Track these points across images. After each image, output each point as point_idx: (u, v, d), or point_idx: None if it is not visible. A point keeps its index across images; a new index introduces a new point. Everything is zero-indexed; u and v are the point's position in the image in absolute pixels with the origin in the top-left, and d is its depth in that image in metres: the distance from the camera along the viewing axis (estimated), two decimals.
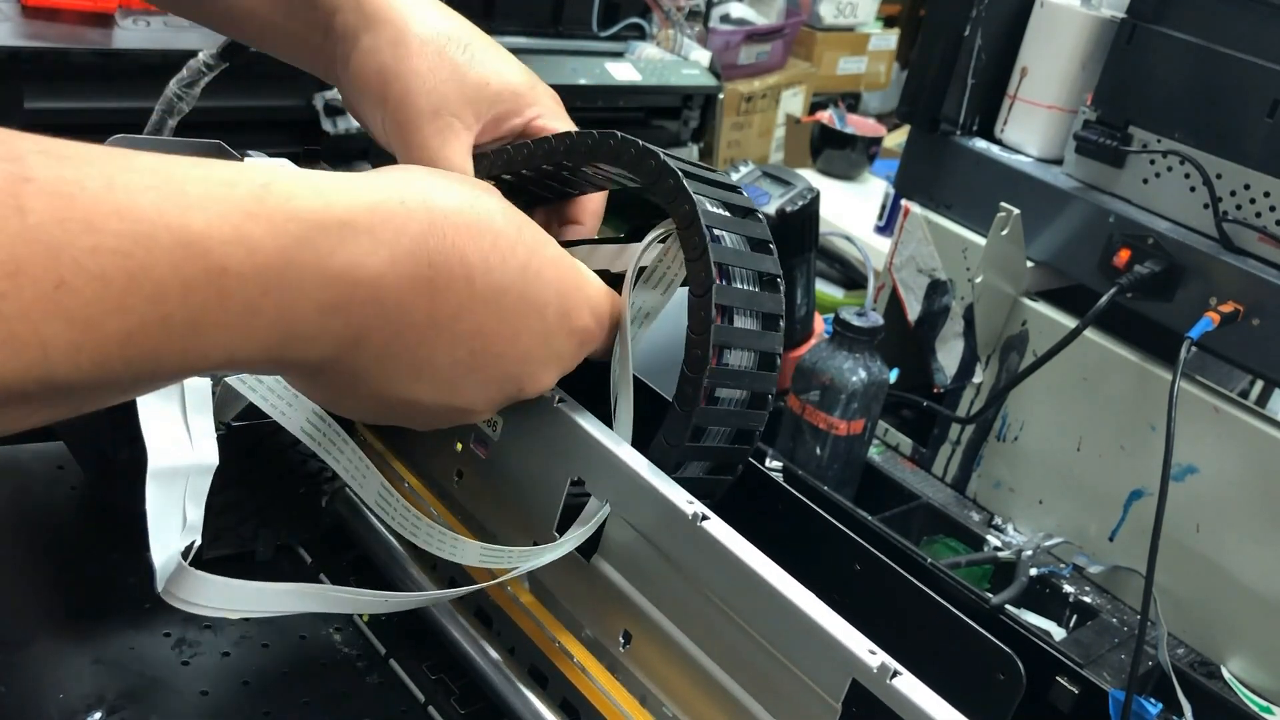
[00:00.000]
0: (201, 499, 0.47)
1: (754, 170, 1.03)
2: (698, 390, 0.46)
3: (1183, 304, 0.88)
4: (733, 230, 0.48)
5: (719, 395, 0.47)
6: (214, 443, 0.47)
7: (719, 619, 0.44)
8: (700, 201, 0.47)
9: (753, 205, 0.50)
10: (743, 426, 0.49)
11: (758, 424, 0.49)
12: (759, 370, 0.48)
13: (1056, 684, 0.64)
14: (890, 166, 2.01)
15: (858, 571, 0.50)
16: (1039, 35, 1.01)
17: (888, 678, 0.38)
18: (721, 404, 0.47)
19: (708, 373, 0.46)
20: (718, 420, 0.47)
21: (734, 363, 0.47)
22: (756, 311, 0.47)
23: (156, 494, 0.44)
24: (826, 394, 0.94)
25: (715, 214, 0.47)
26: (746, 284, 0.47)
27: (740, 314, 0.47)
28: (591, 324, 0.46)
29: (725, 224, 0.48)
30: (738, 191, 0.50)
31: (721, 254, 0.46)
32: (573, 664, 0.51)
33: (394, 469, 0.62)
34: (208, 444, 0.46)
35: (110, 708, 0.52)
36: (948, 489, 1.08)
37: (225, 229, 0.33)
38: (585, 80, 1.76)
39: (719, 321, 0.46)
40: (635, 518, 0.47)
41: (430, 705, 0.57)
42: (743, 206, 0.50)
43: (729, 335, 0.46)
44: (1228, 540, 0.88)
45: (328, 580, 0.64)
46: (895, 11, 3.26)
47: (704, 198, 0.47)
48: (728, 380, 0.47)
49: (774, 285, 0.48)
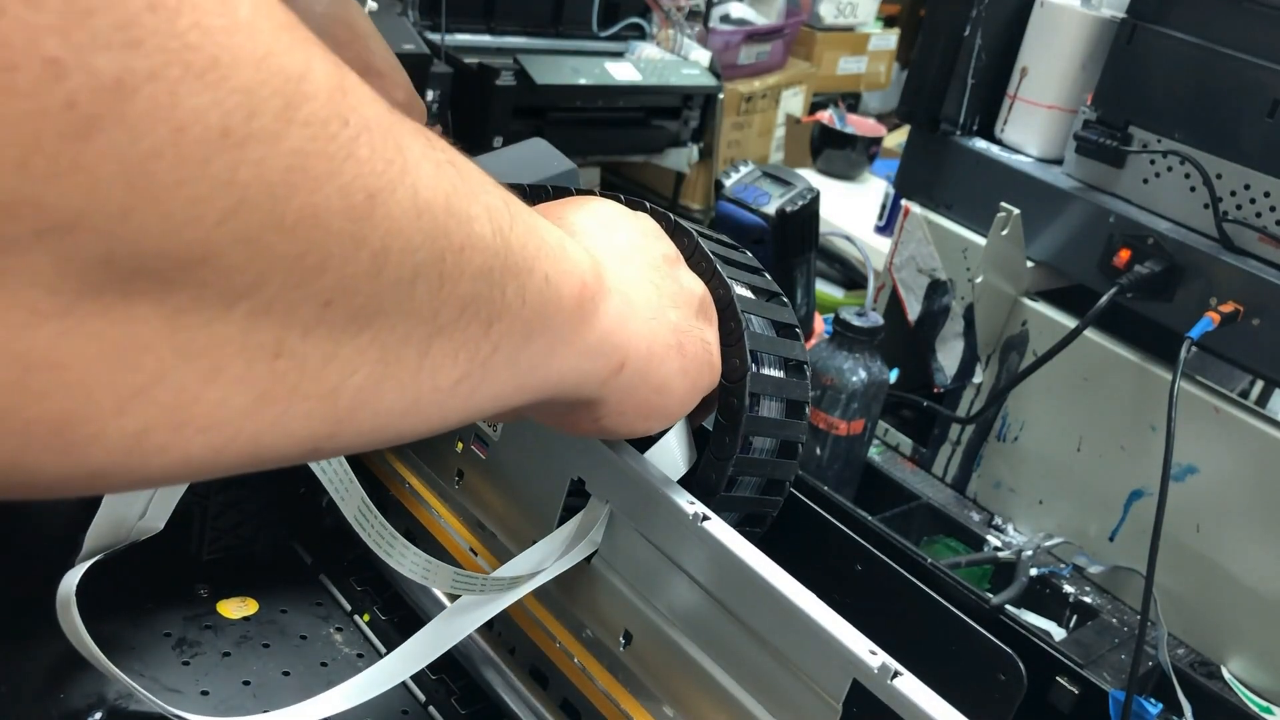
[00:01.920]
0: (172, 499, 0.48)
1: (754, 170, 1.02)
2: (721, 477, 0.46)
3: (1183, 304, 0.88)
4: (761, 315, 0.48)
5: (740, 480, 0.47)
6: None
7: (720, 619, 0.44)
8: (733, 286, 0.46)
9: (777, 289, 0.50)
10: (755, 512, 0.49)
11: (771, 510, 0.50)
12: (780, 459, 0.48)
13: (1057, 684, 0.64)
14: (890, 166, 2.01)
15: (858, 571, 0.50)
16: (1039, 35, 1.01)
17: (888, 678, 0.38)
18: (739, 488, 0.48)
19: (733, 461, 0.46)
20: (731, 506, 0.48)
21: (759, 448, 0.47)
22: (784, 398, 0.47)
23: (117, 495, 0.45)
24: (826, 394, 0.94)
25: (747, 298, 0.47)
26: (774, 369, 0.47)
27: (768, 400, 0.47)
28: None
29: (755, 309, 0.48)
30: (762, 274, 0.50)
31: (755, 340, 0.46)
32: (573, 664, 0.51)
33: (394, 470, 0.62)
34: None
35: (110, 708, 0.52)
36: (948, 489, 1.08)
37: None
38: (585, 80, 1.76)
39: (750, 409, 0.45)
40: (636, 518, 0.47)
41: (431, 705, 0.57)
42: (767, 290, 0.50)
43: (757, 424, 0.46)
44: (1228, 540, 0.88)
45: (327, 581, 0.64)
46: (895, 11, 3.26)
47: (735, 282, 0.47)
48: (750, 468, 0.47)
49: (800, 370, 0.48)
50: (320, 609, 0.62)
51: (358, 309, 0.25)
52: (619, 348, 0.38)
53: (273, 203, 0.22)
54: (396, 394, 0.28)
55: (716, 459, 0.46)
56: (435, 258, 0.27)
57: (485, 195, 0.30)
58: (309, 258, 0.23)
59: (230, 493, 0.61)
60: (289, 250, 0.23)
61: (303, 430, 0.26)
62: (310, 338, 0.25)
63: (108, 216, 0.20)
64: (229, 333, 0.23)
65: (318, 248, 0.23)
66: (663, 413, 0.42)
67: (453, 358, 0.29)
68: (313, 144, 0.23)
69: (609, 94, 1.81)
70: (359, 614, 0.62)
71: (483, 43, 1.75)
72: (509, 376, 0.32)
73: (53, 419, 0.21)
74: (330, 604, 0.63)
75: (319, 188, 0.23)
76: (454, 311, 0.29)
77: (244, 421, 0.24)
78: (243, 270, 0.22)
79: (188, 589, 0.60)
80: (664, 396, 0.41)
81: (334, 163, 0.23)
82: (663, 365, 0.40)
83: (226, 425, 0.24)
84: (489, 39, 1.76)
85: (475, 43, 1.73)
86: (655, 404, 0.41)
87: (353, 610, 0.62)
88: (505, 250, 0.30)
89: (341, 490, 0.54)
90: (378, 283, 0.25)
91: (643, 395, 0.40)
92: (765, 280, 0.50)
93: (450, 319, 0.29)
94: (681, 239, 0.47)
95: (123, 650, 0.56)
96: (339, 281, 0.24)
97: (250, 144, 0.21)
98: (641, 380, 0.39)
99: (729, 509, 0.48)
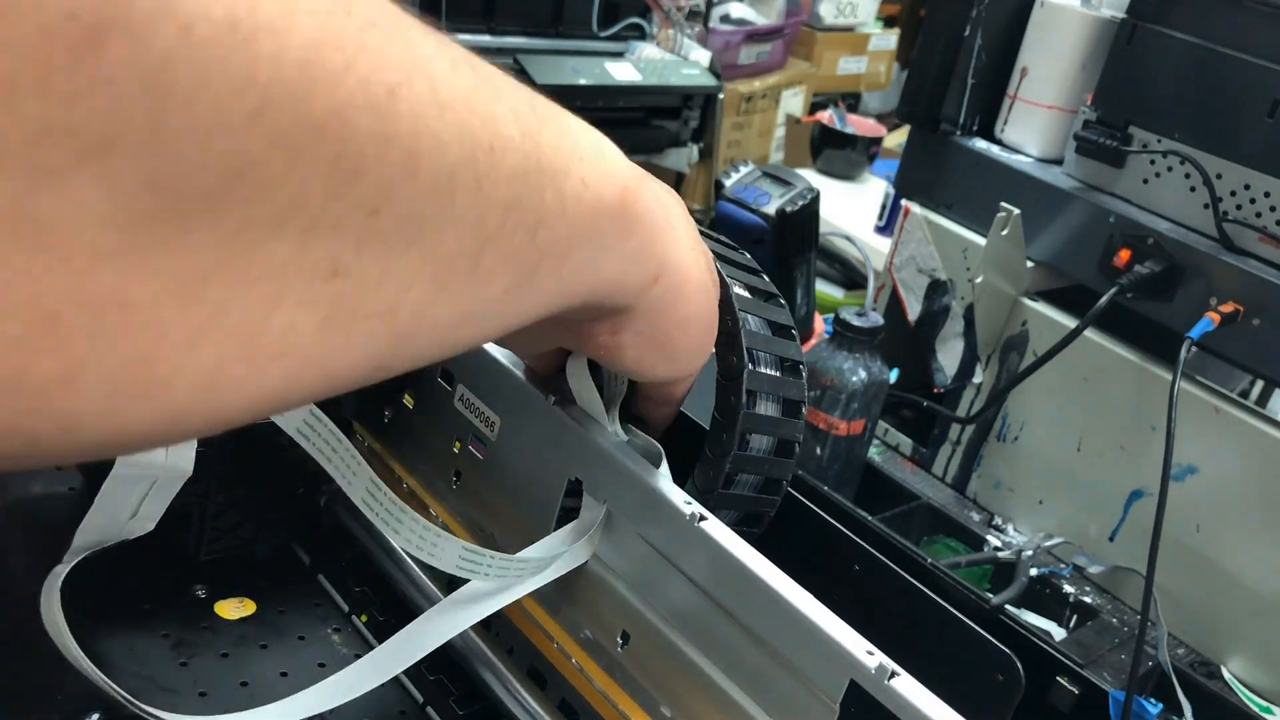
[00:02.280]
0: (165, 500, 0.48)
1: (754, 170, 1.02)
2: (719, 474, 0.46)
3: (1183, 304, 0.88)
4: (758, 314, 0.48)
5: (738, 478, 0.47)
6: (191, 451, 0.47)
7: (717, 620, 0.44)
8: (731, 284, 0.47)
9: (774, 290, 0.50)
10: (752, 511, 0.49)
11: (769, 509, 0.50)
12: (777, 456, 0.48)
13: (1057, 684, 0.64)
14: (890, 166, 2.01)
15: (857, 572, 0.50)
16: (1039, 35, 1.01)
17: (886, 678, 0.38)
18: (736, 486, 0.48)
19: (730, 458, 0.46)
20: (729, 505, 0.48)
21: (756, 446, 0.47)
22: (781, 396, 0.48)
23: (111, 489, 0.45)
24: (826, 394, 0.93)
25: (744, 297, 0.47)
26: (771, 368, 0.47)
27: (764, 398, 0.47)
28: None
29: (753, 308, 0.48)
30: (760, 275, 0.50)
31: (751, 339, 0.46)
32: (571, 665, 0.51)
33: (392, 470, 0.62)
34: (184, 452, 0.46)
35: (109, 708, 0.52)
36: (948, 489, 1.08)
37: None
38: (585, 80, 1.76)
39: (746, 406, 0.45)
40: (633, 518, 0.47)
41: (429, 706, 0.57)
42: (765, 290, 0.50)
43: (753, 421, 0.46)
44: (1228, 540, 0.87)
45: (325, 581, 0.64)
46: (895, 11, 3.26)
47: (734, 281, 0.47)
48: (748, 466, 0.47)
49: (796, 370, 0.48)
50: (319, 609, 0.62)
51: (403, 218, 0.26)
52: (658, 258, 0.38)
53: (296, 100, 0.22)
54: (451, 307, 0.29)
55: (714, 456, 0.46)
56: (467, 158, 0.27)
57: (509, 96, 0.30)
58: (344, 161, 0.24)
59: (229, 493, 0.61)
60: (323, 153, 0.23)
61: (367, 349, 0.26)
62: (364, 253, 0.25)
63: (139, 132, 0.20)
64: (285, 252, 0.23)
65: (350, 149, 0.24)
66: (675, 354, 0.41)
67: (503, 265, 0.30)
68: (322, 33, 0.23)
69: (609, 94, 1.81)
70: (357, 614, 0.62)
71: (483, 43, 1.75)
72: (554, 283, 0.33)
73: (131, 361, 0.21)
74: (328, 604, 0.63)
75: (338, 82, 0.23)
76: (497, 218, 0.29)
77: (312, 346, 0.25)
78: (283, 181, 0.22)
79: (185, 589, 0.60)
80: (684, 334, 0.41)
81: (346, 53, 0.23)
82: (694, 296, 0.40)
83: (296, 351, 0.24)
84: (489, 39, 1.76)
85: (475, 43, 1.73)
86: (674, 339, 0.41)
87: (351, 611, 0.62)
88: (536, 152, 0.30)
89: (349, 475, 0.54)
90: (415, 185, 0.26)
91: (669, 321, 0.40)
92: (763, 281, 0.50)
93: (495, 226, 0.29)
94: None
95: (120, 650, 0.56)
96: (378, 188, 0.25)
97: (261, 36, 0.21)
98: (672, 303, 0.39)
99: (726, 507, 0.48)
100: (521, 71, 1.67)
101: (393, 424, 0.62)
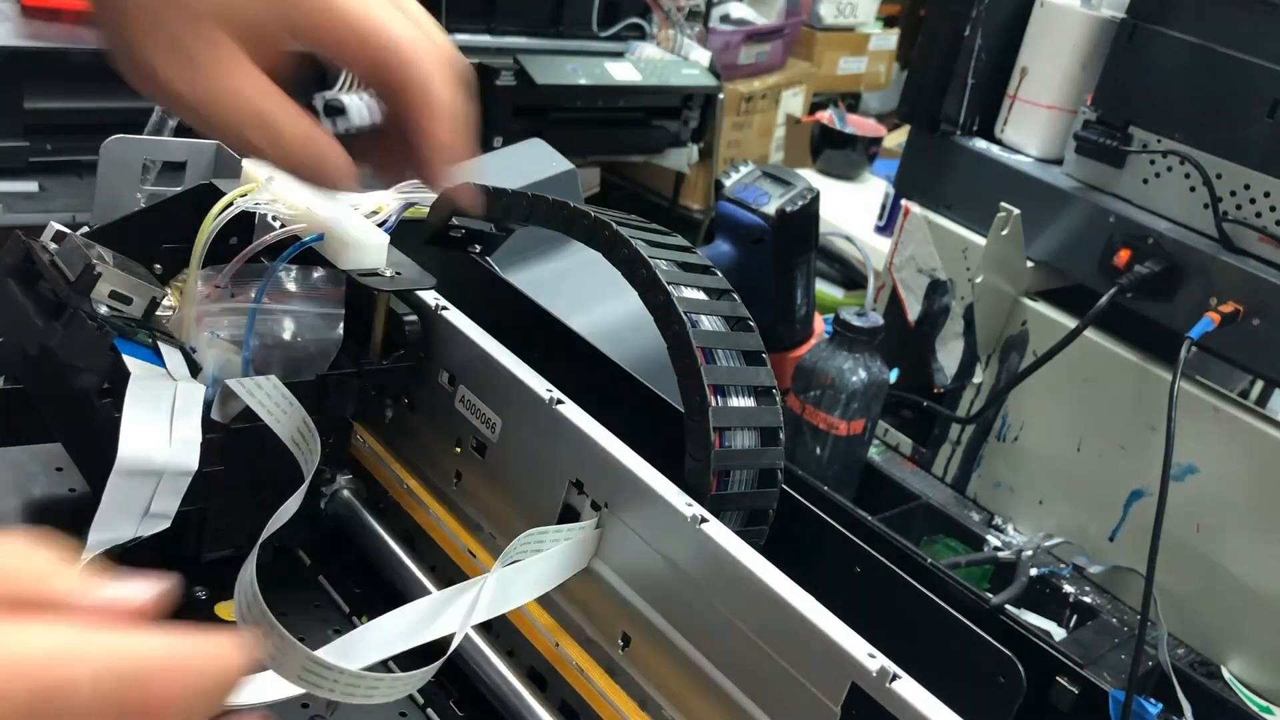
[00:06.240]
0: (175, 497, 0.47)
1: (754, 170, 1.02)
2: (703, 493, 0.46)
3: (1183, 304, 0.88)
4: (726, 346, 0.48)
5: (720, 515, 0.47)
6: (196, 448, 0.46)
7: (718, 622, 0.44)
8: (691, 323, 0.46)
9: (748, 317, 0.50)
10: (754, 508, 0.50)
11: (758, 540, 0.50)
12: (760, 489, 0.48)
13: (1057, 684, 0.64)
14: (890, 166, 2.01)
15: (858, 573, 0.50)
16: (1039, 35, 1.01)
17: (887, 681, 0.38)
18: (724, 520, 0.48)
19: (710, 500, 0.46)
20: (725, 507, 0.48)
21: (732, 487, 0.47)
22: (756, 427, 0.47)
23: (118, 484, 0.44)
24: (826, 394, 0.93)
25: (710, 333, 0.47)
26: (744, 399, 0.47)
27: (738, 431, 0.47)
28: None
29: (719, 341, 0.48)
30: (731, 296, 0.50)
31: (715, 375, 0.46)
32: (572, 667, 0.51)
33: (393, 472, 0.62)
34: (188, 448, 0.46)
35: None
36: (948, 489, 1.08)
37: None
38: (585, 80, 1.76)
39: (718, 445, 0.46)
40: (634, 520, 0.47)
41: (429, 708, 0.57)
42: (736, 317, 0.50)
43: (728, 458, 0.46)
44: (1228, 540, 0.87)
45: (326, 582, 0.64)
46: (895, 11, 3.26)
47: (680, 286, 0.47)
48: (729, 504, 0.47)
49: (770, 396, 0.48)
50: (319, 610, 0.62)
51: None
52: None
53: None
54: None
55: (695, 493, 0.46)
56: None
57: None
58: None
59: (230, 494, 0.61)
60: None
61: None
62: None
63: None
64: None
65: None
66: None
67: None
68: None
69: (609, 94, 1.81)
70: (357, 615, 0.62)
71: (483, 43, 1.75)
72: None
73: None
74: (328, 605, 0.63)
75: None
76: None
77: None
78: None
79: (186, 591, 0.60)
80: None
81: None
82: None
83: None
84: (489, 39, 1.76)
85: (475, 42, 1.73)
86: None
87: (351, 612, 0.62)
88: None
89: (278, 413, 0.52)
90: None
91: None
92: (733, 304, 0.49)
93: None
94: (639, 270, 0.47)
95: None
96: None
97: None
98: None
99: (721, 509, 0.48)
100: (522, 71, 1.67)
101: (393, 424, 0.62)
